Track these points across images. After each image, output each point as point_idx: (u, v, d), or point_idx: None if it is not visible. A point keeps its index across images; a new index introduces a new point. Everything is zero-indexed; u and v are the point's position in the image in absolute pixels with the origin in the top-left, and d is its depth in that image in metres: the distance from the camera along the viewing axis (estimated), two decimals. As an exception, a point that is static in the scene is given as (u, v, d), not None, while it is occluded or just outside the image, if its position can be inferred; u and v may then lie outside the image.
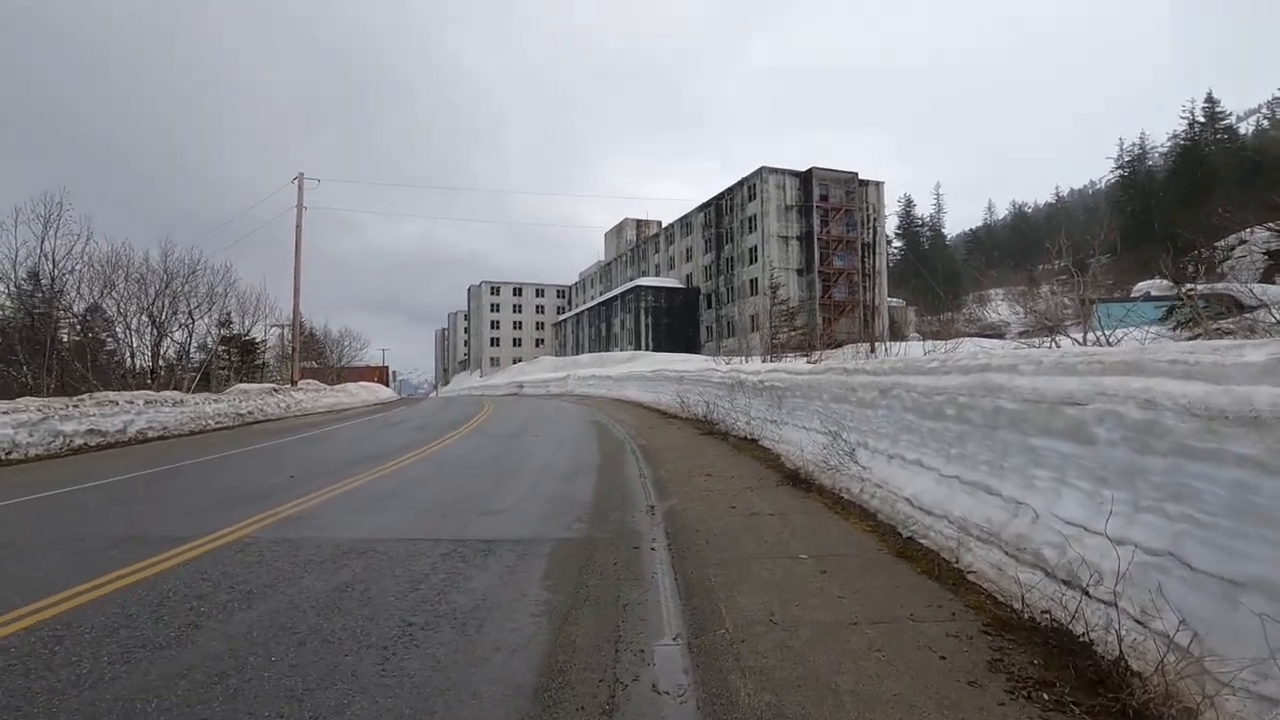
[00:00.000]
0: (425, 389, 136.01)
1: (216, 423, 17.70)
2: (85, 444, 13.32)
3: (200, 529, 5.91)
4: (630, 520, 6.36)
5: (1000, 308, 74.83)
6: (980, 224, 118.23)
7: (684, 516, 6.36)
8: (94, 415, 13.80)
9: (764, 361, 21.24)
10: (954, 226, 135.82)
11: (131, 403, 15.11)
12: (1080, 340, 10.64)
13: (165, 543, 5.47)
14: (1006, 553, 4.28)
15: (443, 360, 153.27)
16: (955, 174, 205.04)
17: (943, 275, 75.70)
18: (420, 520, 6.28)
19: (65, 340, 24.58)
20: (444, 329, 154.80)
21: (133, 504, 7.23)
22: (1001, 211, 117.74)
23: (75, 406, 13.61)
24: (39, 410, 12.64)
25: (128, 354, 21.22)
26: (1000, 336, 52.24)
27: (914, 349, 16.55)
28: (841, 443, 8.37)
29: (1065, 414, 3.98)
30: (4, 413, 11.95)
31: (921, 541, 5.23)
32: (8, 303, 20.43)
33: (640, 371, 30.76)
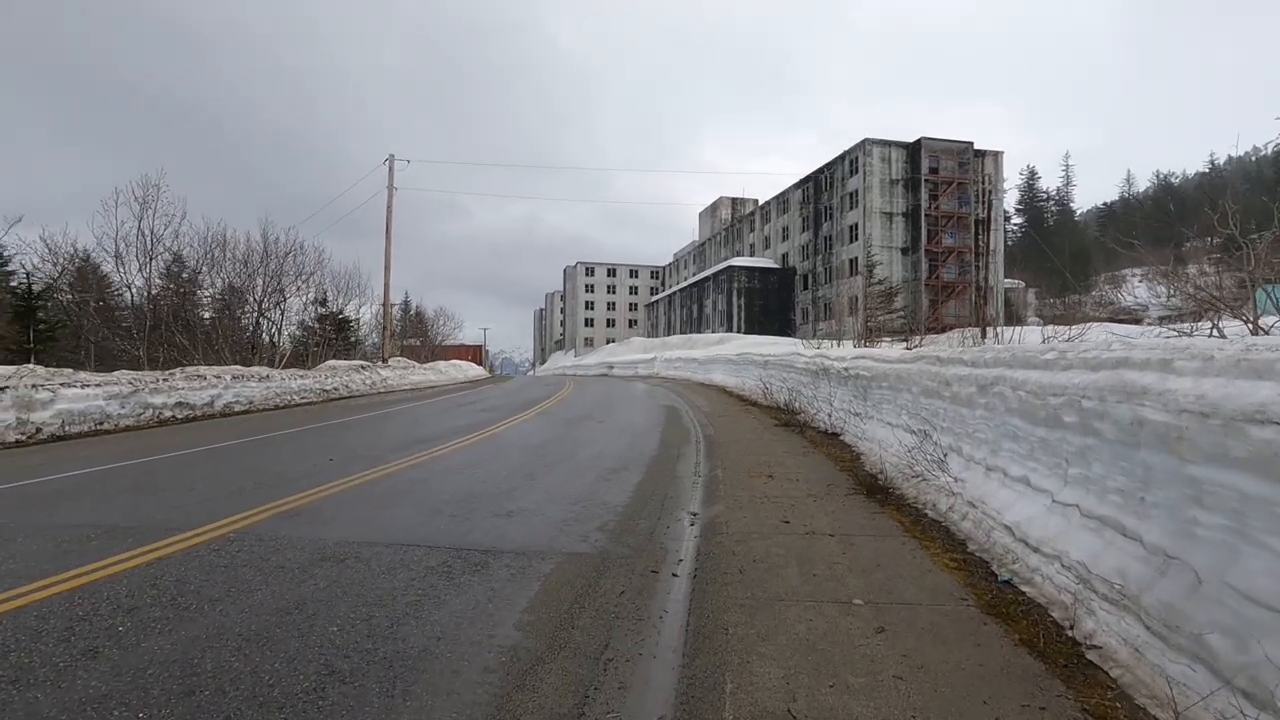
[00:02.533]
0: (526, 367, 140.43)
1: (301, 398, 18.21)
2: (173, 416, 13.86)
3: (198, 519, 5.52)
4: (661, 531, 5.43)
5: (1137, 290, 67.21)
6: (1116, 198, 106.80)
7: (725, 531, 5.35)
8: (182, 389, 14.35)
9: (855, 346, 19.55)
10: (1084, 200, 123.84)
11: (219, 377, 15.66)
12: (1252, 328, 8.62)
13: (152, 534, 5.08)
14: (1150, 628, 3.02)
15: (540, 340, 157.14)
16: (1087, 142, 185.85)
17: (1069, 254, 69.07)
18: (427, 520, 5.62)
19: (205, 317, 26.54)
20: (542, 309, 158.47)
21: (152, 487, 7.05)
22: (1142, 183, 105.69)
23: (165, 380, 14.18)
24: (130, 383, 13.21)
25: (221, 330, 22.40)
26: (1136, 322, 46.63)
27: (1031, 335, 14.51)
28: (931, 446, 7.05)
29: (1252, 436, 2.67)
30: (97, 385, 12.52)
31: (1024, 589, 3.98)
32: (150, 280, 21.89)
33: (726, 354, 29.57)
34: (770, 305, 64.64)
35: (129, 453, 9.41)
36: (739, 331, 59.26)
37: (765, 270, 67.61)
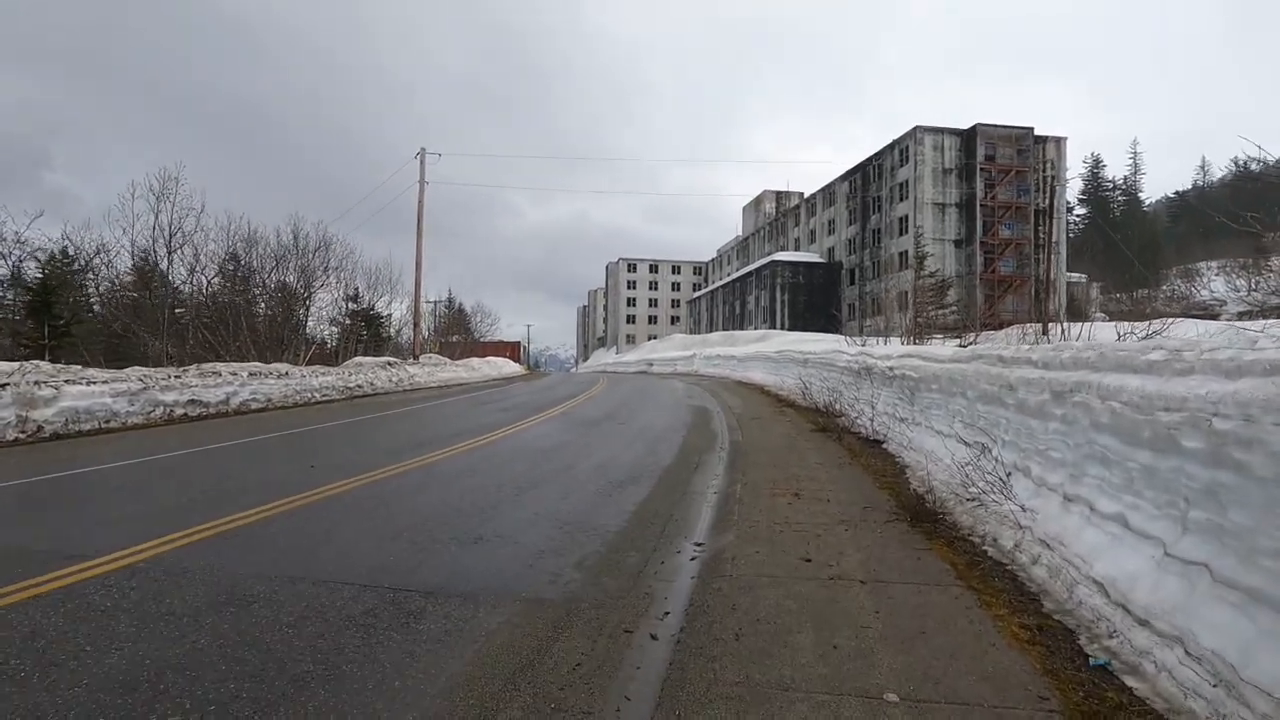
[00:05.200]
0: (570, 364, 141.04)
1: (322, 395, 17.80)
2: (185, 414, 13.49)
3: (119, 541, 4.77)
4: (653, 570, 4.45)
5: (1215, 283, 62.72)
6: (1189, 186, 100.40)
7: (730, 571, 4.34)
8: (195, 386, 13.99)
9: (904, 344, 18.16)
10: (1154, 190, 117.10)
11: (235, 374, 15.30)
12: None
13: (53, 562, 4.33)
14: (1360, 794, 1.91)
15: (583, 337, 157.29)
16: (1158, 127, 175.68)
17: (1138, 246, 65.09)
18: (379, 546, 4.77)
19: (257, 313, 26.71)
20: (585, 306, 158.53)
21: (98, 499, 6.43)
22: (1219, 170, 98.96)
23: (178, 377, 13.84)
24: (140, 380, 12.87)
25: (246, 326, 22.22)
26: (1214, 318, 43.19)
27: (1104, 331, 12.97)
28: (990, 462, 5.90)
29: None
30: (104, 382, 12.19)
31: (1128, 682, 2.87)
32: (171, 274, 21.76)
33: (766, 352, 28.34)
34: (815, 301, 62.59)
35: (112, 455, 8.90)
36: (782, 328, 57.58)
37: (810, 265, 65.63)
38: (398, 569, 4.34)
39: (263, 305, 26.18)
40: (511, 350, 54.02)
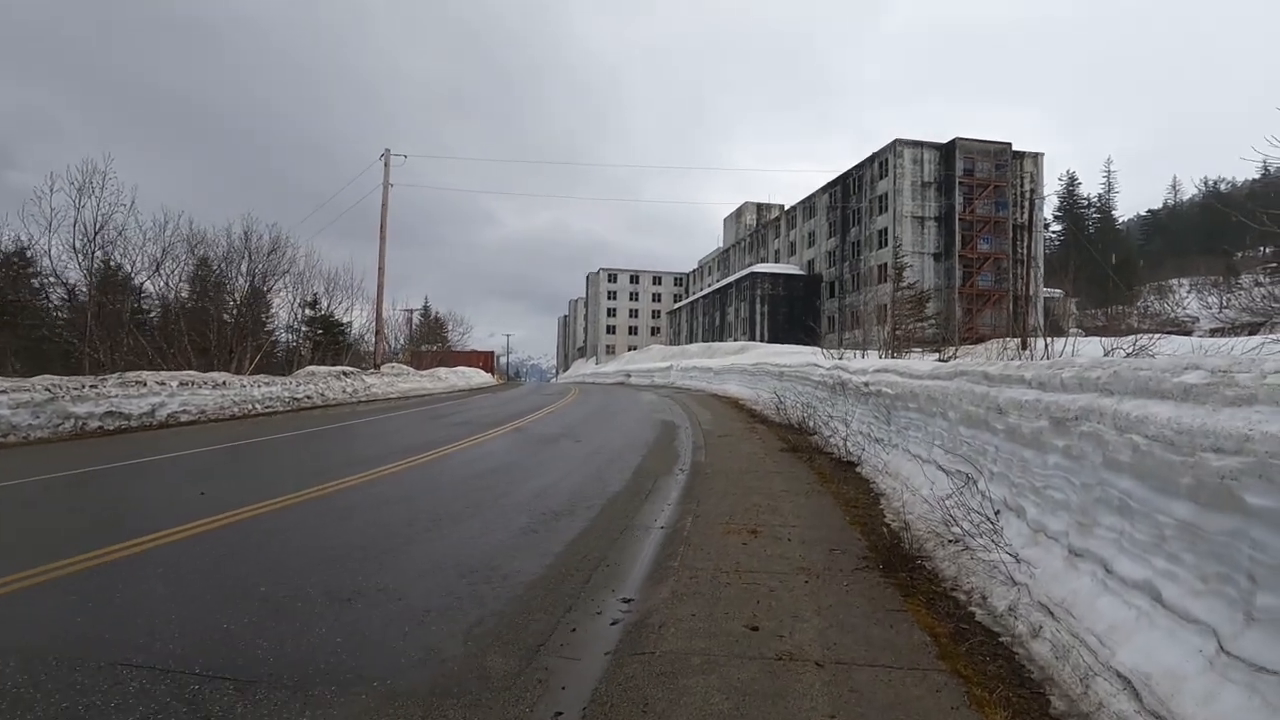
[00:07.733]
0: (551, 374, 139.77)
1: (264, 407, 16.62)
2: (102, 427, 12.32)
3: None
4: (557, 644, 3.51)
5: (1187, 301, 63.30)
6: (1160, 205, 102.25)
7: (655, 644, 3.42)
8: (115, 397, 12.82)
9: (882, 357, 17.43)
10: (1127, 208, 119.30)
11: (163, 384, 14.11)
12: None
13: None
14: None
15: (563, 347, 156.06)
16: (1131, 147, 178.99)
17: (1113, 263, 65.62)
18: (217, 610, 3.78)
19: (228, 320, 25.24)
20: (565, 316, 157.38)
21: None
22: (1190, 190, 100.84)
23: (93, 387, 12.65)
24: (47, 390, 11.69)
25: (185, 332, 20.86)
26: (1186, 334, 43.34)
27: (1087, 347, 12.29)
28: (976, 496, 5.07)
29: None
30: (2, 392, 11.01)
31: None
32: (94, 275, 20.14)
33: (742, 364, 27.61)
34: (795, 313, 62.12)
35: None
36: (762, 340, 56.98)
37: (790, 277, 65.27)
38: (228, 642, 3.37)
39: (210, 310, 24.78)
40: (484, 360, 52.75)
